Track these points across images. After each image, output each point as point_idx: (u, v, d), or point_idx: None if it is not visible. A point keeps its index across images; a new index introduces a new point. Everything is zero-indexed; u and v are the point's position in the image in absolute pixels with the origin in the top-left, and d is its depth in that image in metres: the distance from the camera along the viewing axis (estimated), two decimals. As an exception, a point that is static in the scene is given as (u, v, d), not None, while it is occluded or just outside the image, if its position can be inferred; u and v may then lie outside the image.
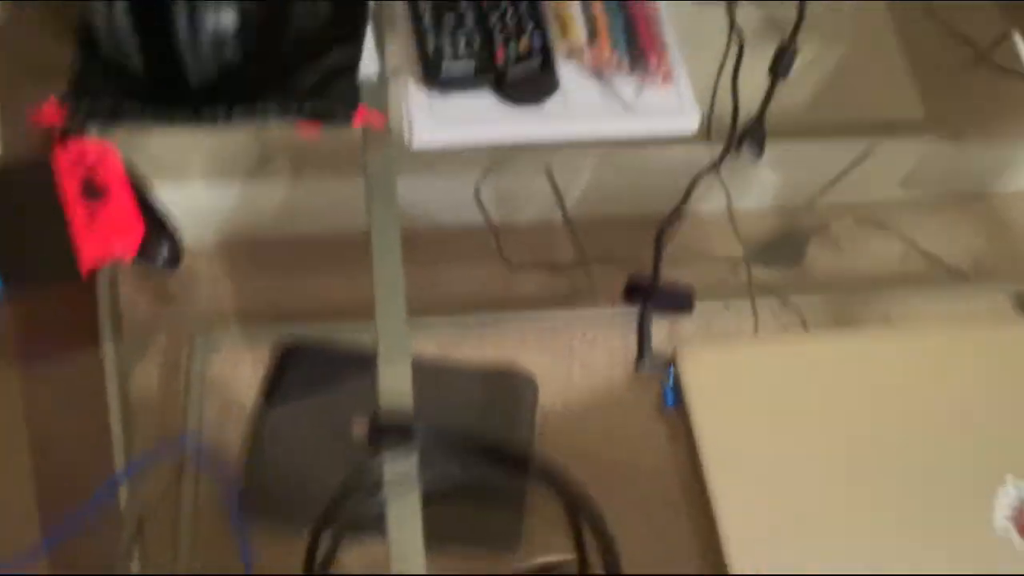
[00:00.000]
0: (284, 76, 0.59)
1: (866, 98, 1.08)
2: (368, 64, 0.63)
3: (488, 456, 1.10)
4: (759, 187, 1.42)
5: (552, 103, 0.63)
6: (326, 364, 1.21)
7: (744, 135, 0.63)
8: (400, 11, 0.66)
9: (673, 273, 1.49)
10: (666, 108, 0.64)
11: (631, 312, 1.36)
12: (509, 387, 1.31)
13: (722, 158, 0.61)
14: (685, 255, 1.42)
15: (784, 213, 1.48)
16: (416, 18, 0.64)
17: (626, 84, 0.65)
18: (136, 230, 0.52)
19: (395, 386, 0.55)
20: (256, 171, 1.16)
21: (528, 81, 0.62)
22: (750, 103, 0.69)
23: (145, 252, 0.50)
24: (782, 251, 1.50)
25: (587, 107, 0.64)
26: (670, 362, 0.56)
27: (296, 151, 1.08)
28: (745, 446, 0.55)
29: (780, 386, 0.56)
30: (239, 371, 1.23)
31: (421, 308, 1.41)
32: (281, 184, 1.22)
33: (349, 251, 0.72)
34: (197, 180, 1.13)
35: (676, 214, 0.61)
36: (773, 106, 0.68)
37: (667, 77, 0.65)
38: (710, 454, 0.53)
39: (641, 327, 0.57)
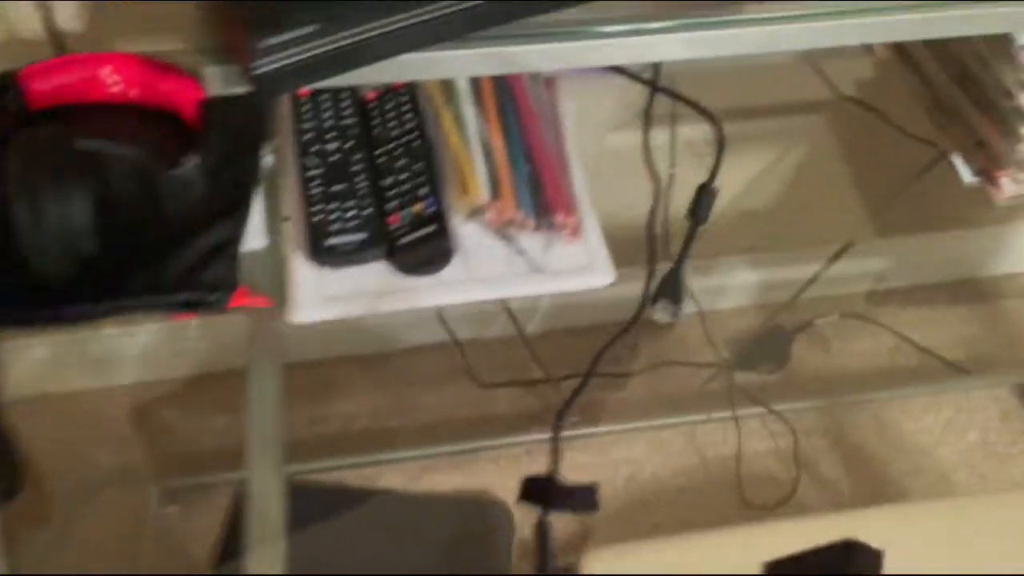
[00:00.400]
0: (154, 263, 0.55)
1: (827, 202, 1.05)
2: (254, 238, 0.59)
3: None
4: (738, 287, 1.38)
5: (452, 267, 0.59)
6: (295, 508, 1.15)
7: (660, 290, 0.58)
8: (290, 178, 0.62)
9: (653, 382, 1.43)
10: (576, 265, 0.60)
11: (607, 428, 1.29)
12: (482, 517, 1.25)
13: (632, 322, 0.56)
14: (666, 361, 1.38)
15: (767, 311, 1.43)
16: (305, 187, 0.60)
17: (533, 241, 0.60)
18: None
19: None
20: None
21: (423, 249, 0.58)
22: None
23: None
24: (767, 352, 1.44)
25: (490, 270, 0.59)
26: (575, 567, 0.50)
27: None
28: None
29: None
30: (195, 520, 1.17)
31: (389, 436, 1.36)
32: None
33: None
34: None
35: (572, 401, 0.55)
36: (737, 212, 0.64)
37: (576, 232, 0.60)
38: None
39: (540, 532, 0.51)
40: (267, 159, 0.64)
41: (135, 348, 1.09)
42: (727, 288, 1.37)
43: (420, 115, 0.64)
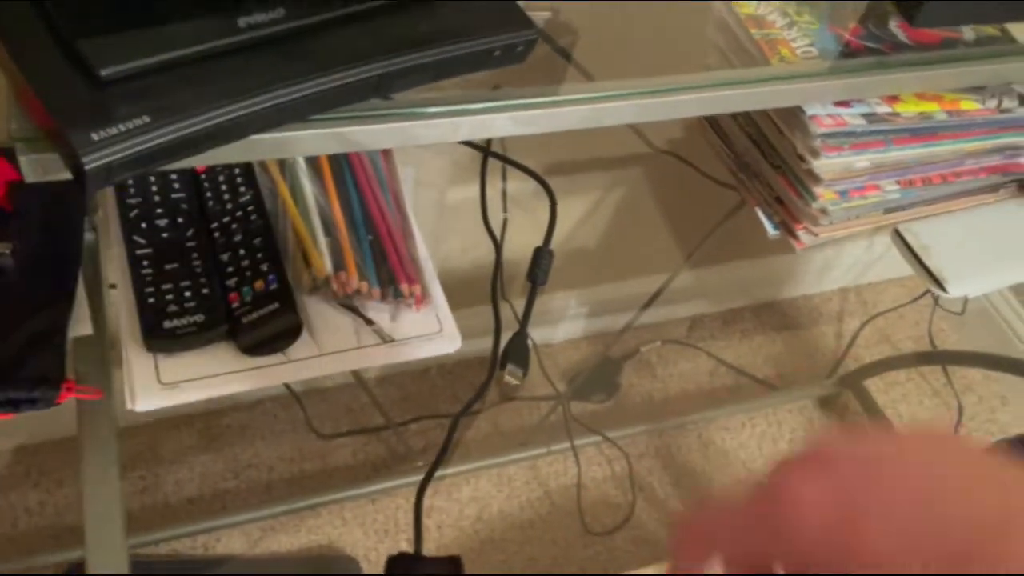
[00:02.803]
0: (-31, 360, 0.50)
1: (647, 242, 1.12)
2: (80, 326, 0.55)
3: None
4: (569, 321, 1.43)
5: (299, 343, 0.58)
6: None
7: (506, 355, 0.60)
8: (119, 259, 0.59)
9: (494, 418, 1.45)
10: (425, 332, 0.60)
11: (453, 470, 1.30)
12: (328, 571, 1.23)
13: (483, 390, 0.58)
14: (505, 398, 1.40)
15: (595, 342, 1.50)
16: (135, 268, 0.57)
17: (380, 311, 0.61)
18: None
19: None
20: None
21: (267, 327, 0.57)
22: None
23: None
24: (598, 382, 1.51)
25: (339, 342, 0.59)
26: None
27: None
28: None
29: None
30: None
31: (224, 498, 1.30)
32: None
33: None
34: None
35: (433, 471, 0.56)
36: (566, 252, 0.67)
37: (421, 300, 0.61)
38: None
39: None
40: (87, 236, 0.61)
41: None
42: (559, 322, 1.42)
43: (255, 187, 0.63)
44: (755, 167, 0.73)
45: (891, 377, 1.46)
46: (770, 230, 0.72)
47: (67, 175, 0.45)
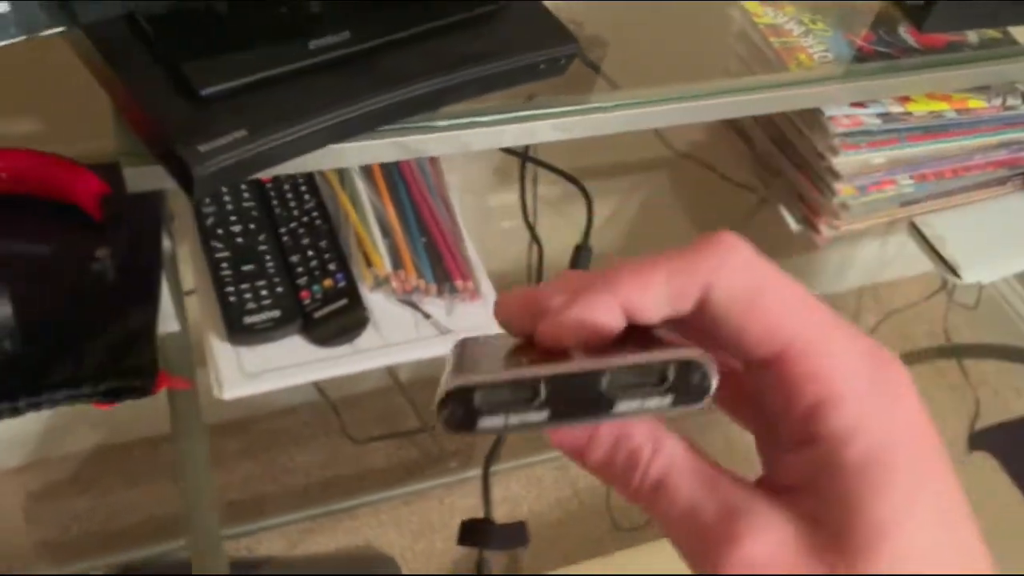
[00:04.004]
0: (74, 356, 0.55)
1: (662, 240, 1.16)
2: (168, 324, 0.61)
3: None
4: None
5: (365, 336, 0.63)
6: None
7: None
8: (198, 264, 0.64)
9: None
10: (479, 324, 0.65)
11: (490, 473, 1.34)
12: (368, 571, 1.26)
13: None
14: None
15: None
16: (215, 270, 0.62)
17: (437, 306, 0.66)
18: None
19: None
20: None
21: (337, 320, 0.62)
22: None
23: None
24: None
25: (401, 335, 0.64)
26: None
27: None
28: None
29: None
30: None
31: (265, 504, 1.34)
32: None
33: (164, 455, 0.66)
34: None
35: (498, 446, 0.61)
36: (599, 246, 0.71)
37: (474, 295, 0.66)
38: None
39: (480, 571, 0.55)
40: (166, 243, 0.66)
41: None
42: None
43: (317, 195, 0.68)
44: (777, 167, 0.78)
45: (910, 373, 1.50)
46: (793, 225, 0.77)
47: (164, 186, 0.50)
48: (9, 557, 1.08)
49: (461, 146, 0.59)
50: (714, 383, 0.22)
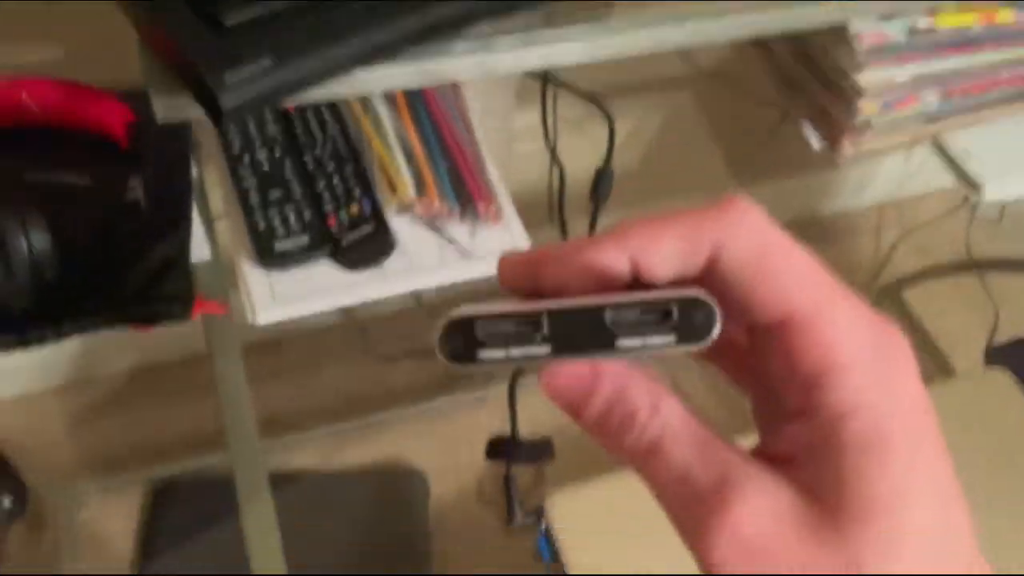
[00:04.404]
0: (111, 281, 0.58)
1: (684, 161, 1.16)
2: (200, 251, 0.62)
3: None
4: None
5: (392, 260, 0.65)
6: (205, 498, 1.17)
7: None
8: (226, 190, 0.65)
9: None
10: (501, 247, 0.67)
11: (507, 386, 1.38)
12: (398, 485, 1.31)
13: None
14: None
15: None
16: (243, 196, 0.64)
17: (460, 230, 0.67)
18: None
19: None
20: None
21: (364, 245, 0.63)
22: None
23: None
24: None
25: (426, 259, 0.65)
26: (540, 512, 0.57)
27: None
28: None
29: (651, 514, 0.58)
30: (113, 522, 1.17)
31: (296, 419, 1.39)
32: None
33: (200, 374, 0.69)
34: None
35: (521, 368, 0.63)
36: (621, 168, 0.72)
37: (497, 218, 0.67)
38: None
39: (507, 485, 0.58)
40: (194, 170, 0.67)
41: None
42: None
43: (340, 120, 0.69)
44: (801, 84, 0.78)
45: (930, 289, 1.50)
46: (815, 143, 0.76)
47: (191, 115, 0.51)
48: (53, 472, 1.13)
49: (484, 71, 0.59)
50: (718, 323, 0.22)
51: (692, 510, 0.21)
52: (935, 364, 1.36)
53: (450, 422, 1.38)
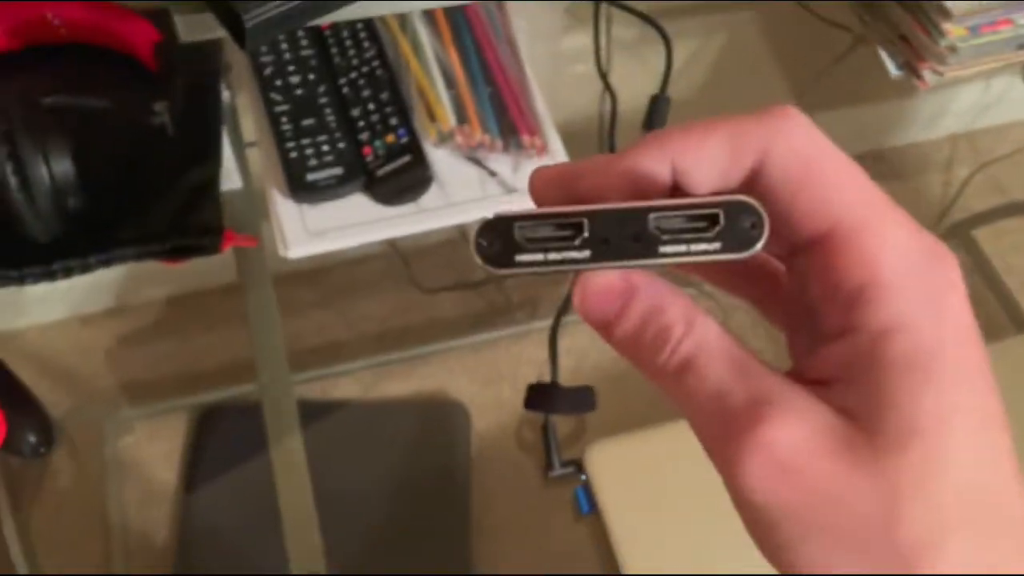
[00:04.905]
0: (140, 212, 0.55)
1: (745, 87, 1.10)
2: (231, 179, 0.59)
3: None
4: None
5: (430, 194, 0.61)
6: (248, 425, 1.18)
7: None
8: (258, 116, 0.62)
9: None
10: (546, 182, 0.62)
11: (549, 322, 1.37)
12: (440, 417, 1.31)
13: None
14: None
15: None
16: (275, 124, 0.60)
17: (502, 163, 0.63)
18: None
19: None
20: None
21: (400, 178, 0.60)
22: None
23: (9, 444, 0.46)
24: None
25: (466, 194, 0.62)
26: (579, 463, 0.55)
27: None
28: (660, 538, 0.54)
29: (691, 468, 0.56)
30: (156, 448, 1.19)
31: (337, 349, 1.38)
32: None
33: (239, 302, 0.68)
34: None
35: (567, 304, 0.59)
36: (681, 93, 0.67)
37: (542, 150, 0.63)
38: (627, 554, 0.52)
39: (545, 435, 0.56)
40: (225, 94, 0.64)
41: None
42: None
43: (378, 41, 0.65)
44: (878, 3, 0.71)
45: (1002, 227, 1.42)
46: (892, 70, 0.70)
47: (217, 34, 0.48)
48: (93, 396, 1.14)
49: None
50: (766, 231, 0.21)
51: (725, 429, 0.21)
52: (1006, 312, 1.29)
53: (493, 356, 1.36)
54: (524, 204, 0.59)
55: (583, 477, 0.56)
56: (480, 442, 1.25)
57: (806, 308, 0.22)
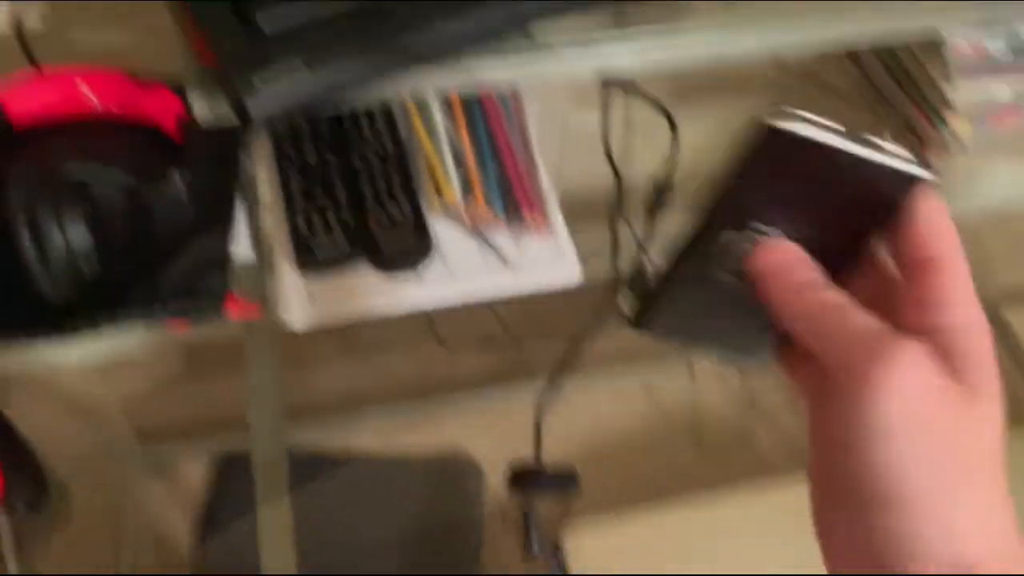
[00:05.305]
0: (149, 276, 0.58)
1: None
2: (241, 248, 0.62)
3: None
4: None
5: (432, 267, 0.63)
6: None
7: (629, 286, 0.63)
8: (273, 187, 0.65)
9: (610, 333, 1.50)
10: (546, 261, 0.64)
11: (569, 382, 1.36)
12: (453, 475, 1.30)
13: (599, 320, 0.61)
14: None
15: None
16: (286, 192, 0.63)
17: (504, 239, 0.65)
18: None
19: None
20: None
21: (403, 247, 0.62)
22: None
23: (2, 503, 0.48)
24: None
25: (466, 267, 0.63)
26: (557, 545, 0.55)
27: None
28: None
29: (669, 558, 0.56)
30: (175, 492, 1.21)
31: (358, 398, 1.40)
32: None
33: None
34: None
35: (553, 387, 0.60)
36: (692, 170, 0.68)
37: (543, 226, 0.64)
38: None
39: (525, 516, 0.56)
40: (245, 168, 0.67)
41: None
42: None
43: (390, 117, 0.67)
44: (887, 94, 0.72)
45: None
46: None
47: (226, 112, 0.50)
48: (114, 440, 1.16)
49: (538, 78, 0.56)
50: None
51: (868, 349, 0.27)
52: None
53: (509, 414, 1.36)
54: (522, 279, 0.59)
55: (560, 560, 0.56)
56: (494, 499, 1.25)
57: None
